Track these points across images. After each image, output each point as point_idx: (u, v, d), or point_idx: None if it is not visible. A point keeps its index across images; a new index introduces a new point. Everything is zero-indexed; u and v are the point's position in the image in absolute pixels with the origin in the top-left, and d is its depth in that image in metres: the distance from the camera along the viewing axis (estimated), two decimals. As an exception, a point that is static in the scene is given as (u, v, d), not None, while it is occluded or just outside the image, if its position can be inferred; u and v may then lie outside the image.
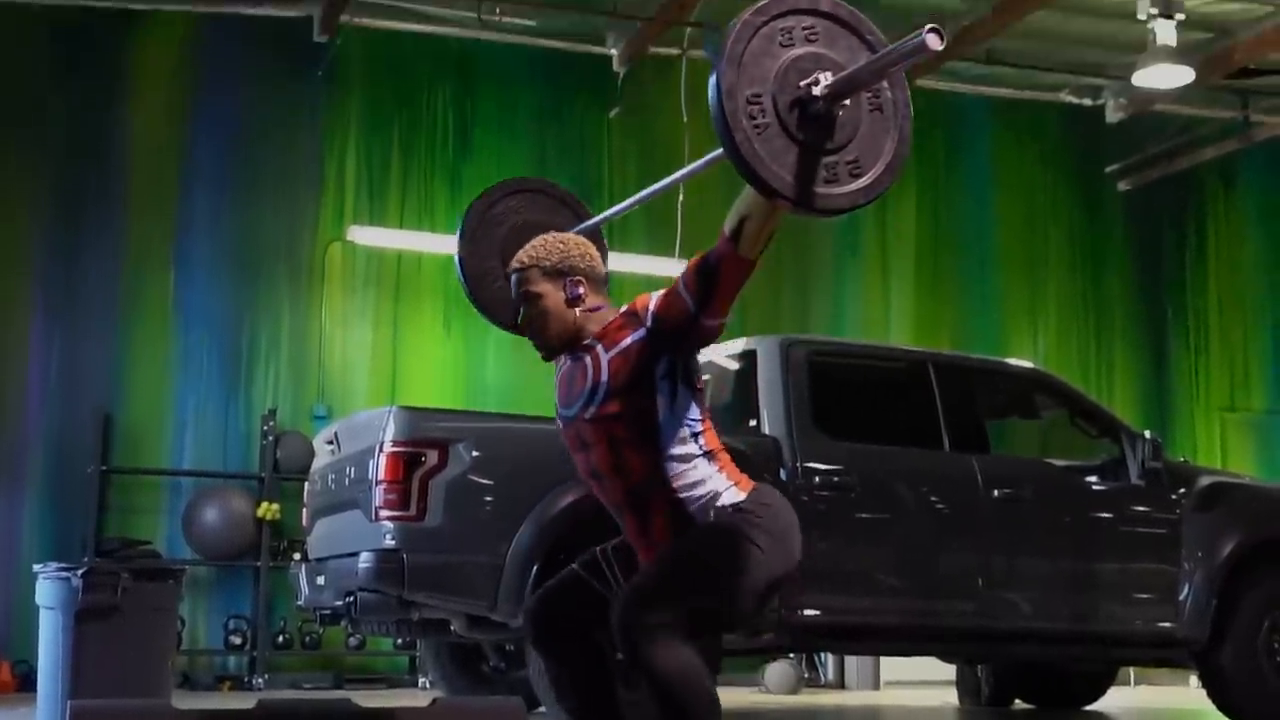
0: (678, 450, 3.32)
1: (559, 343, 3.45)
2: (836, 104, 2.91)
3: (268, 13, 10.24)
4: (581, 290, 3.42)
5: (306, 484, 6.53)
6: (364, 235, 10.26)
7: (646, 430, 3.32)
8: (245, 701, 4.38)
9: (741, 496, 3.33)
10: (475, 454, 5.31)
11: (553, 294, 3.42)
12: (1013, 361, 7.96)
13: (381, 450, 5.24)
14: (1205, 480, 6.78)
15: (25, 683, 8.51)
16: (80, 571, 5.36)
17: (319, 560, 5.92)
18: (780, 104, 2.88)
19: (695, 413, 3.36)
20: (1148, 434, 6.52)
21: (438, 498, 5.21)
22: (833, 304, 11.57)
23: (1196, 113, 12.04)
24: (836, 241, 11.61)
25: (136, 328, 9.89)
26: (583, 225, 4.01)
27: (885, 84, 3.02)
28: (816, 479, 5.81)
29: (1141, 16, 9.02)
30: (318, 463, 6.31)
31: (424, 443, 5.26)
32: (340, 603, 5.46)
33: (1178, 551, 6.48)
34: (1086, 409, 6.79)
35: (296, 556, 8.35)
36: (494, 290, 4.00)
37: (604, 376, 3.34)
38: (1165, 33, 8.95)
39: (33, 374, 9.63)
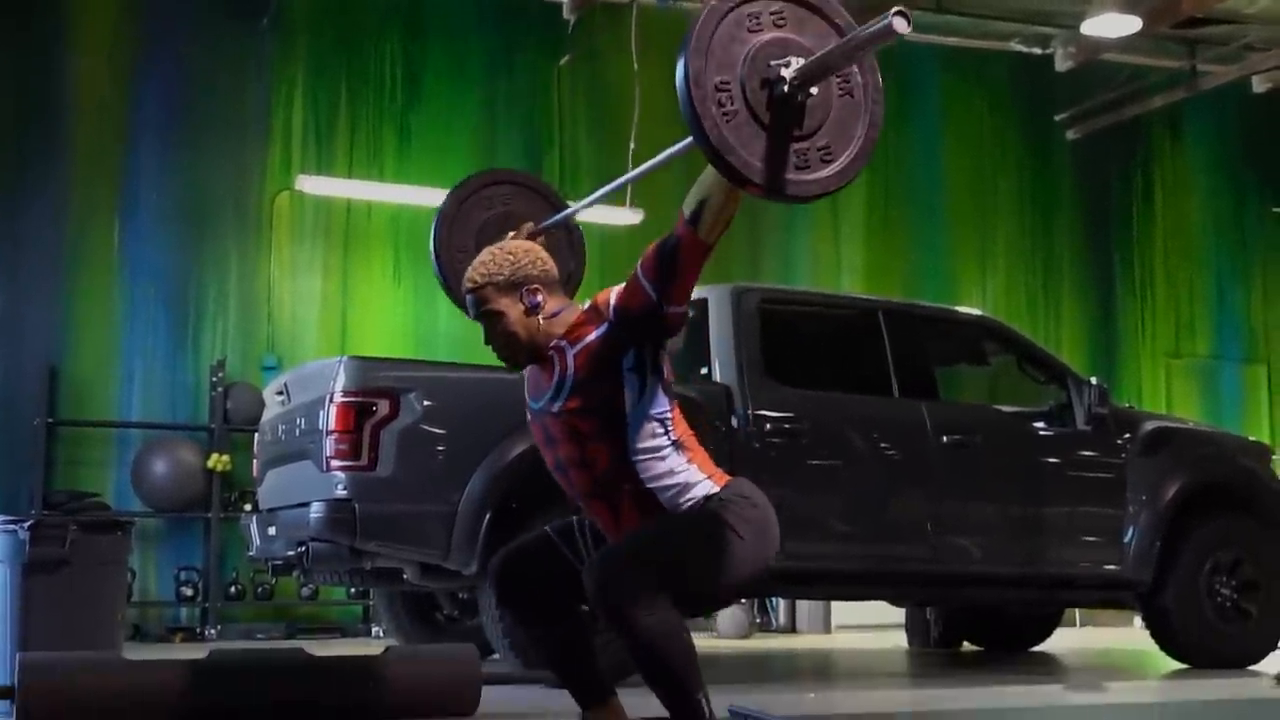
0: (646, 443, 3.27)
1: (526, 356, 3.39)
2: (806, 89, 2.87)
3: (212, -41, 10.10)
4: (540, 298, 3.35)
5: (257, 435, 6.50)
6: (312, 185, 10.15)
7: (612, 424, 3.26)
8: (197, 652, 4.37)
9: (716, 489, 3.28)
10: (426, 403, 5.30)
11: (512, 308, 3.34)
12: (962, 309, 8.02)
13: (332, 400, 5.22)
14: (1150, 425, 6.87)
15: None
16: (27, 524, 5.31)
17: (270, 511, 5.90)
18: (749, 90, 2.84)
19: (664, 403, 3.30)
20: (1094, 380, 6.58)
21: (389, 447, 5.20)
22: (784, 254, 11.58)
23: (1144, 62, 12.10)
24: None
25: (82, 280, 9.77)
26: (553, 219, 4.01)
27: (855, 68, 2.98)
28: (768, 426, 5.84)
29: (1090, -36, 9.05)
30: (268, 414, 6.28)
31: (375, 392, 5.25)
32: (292, 553, 5.44)
33: (1123, 495, 6.58)
34: (1034, 355, 6.85)
35: (247, 507, 8.37)
36: (462, 268, 4.03)
37: (570, 371, 3.29)
38: (1114, -19, 8.99)
39: (-24, 327, 9.53)
